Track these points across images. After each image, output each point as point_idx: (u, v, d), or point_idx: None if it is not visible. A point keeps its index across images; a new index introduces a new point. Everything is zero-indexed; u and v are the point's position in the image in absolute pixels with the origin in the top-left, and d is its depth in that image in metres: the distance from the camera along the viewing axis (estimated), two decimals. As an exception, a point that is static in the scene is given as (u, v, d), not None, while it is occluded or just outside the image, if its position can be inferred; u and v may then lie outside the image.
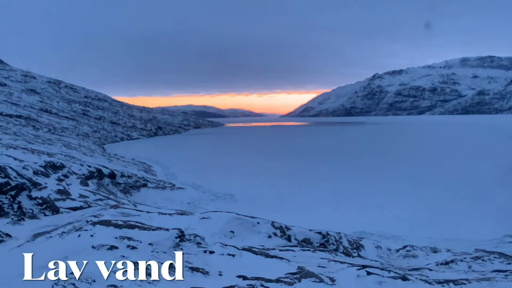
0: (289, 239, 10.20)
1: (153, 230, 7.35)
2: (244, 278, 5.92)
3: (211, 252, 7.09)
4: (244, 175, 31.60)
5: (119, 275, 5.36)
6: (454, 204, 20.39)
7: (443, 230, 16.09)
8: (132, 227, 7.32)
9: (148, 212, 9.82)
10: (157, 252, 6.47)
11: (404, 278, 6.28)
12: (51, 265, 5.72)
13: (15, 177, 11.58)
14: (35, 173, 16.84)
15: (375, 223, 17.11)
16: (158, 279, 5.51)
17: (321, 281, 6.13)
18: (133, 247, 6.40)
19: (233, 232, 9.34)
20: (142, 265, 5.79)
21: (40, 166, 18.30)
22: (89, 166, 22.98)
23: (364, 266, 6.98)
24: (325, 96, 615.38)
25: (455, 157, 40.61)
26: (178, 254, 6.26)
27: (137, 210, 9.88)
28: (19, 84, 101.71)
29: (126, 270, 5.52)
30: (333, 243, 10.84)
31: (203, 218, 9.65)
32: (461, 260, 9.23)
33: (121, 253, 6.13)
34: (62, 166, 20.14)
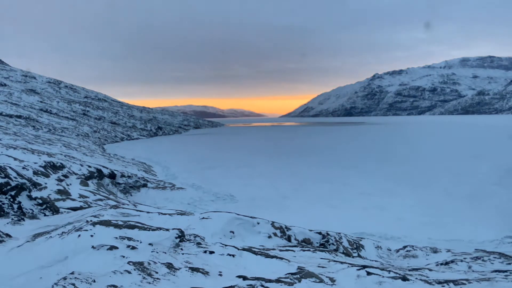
0: (289, 239, 10.20)
1: (153, 230, 7.34)
2: (244, 278, 5.92)
3: (211, 252, 7.08)
4: (244, 175, 31.61)
5: (119, 275, 5.36)
6: (454, 205, 20.39)
7: (443, 230, 16.09)
8: (132, 227, 7.31)
9: (148, 212, 9.81)
10: (157, 252, 6.47)
11: (404, 278, 6.28)
12: (51, 265, 5.73)
13: (15, 177, 11.57)
14: (35, 173, 16.85)
15: (375, 224, 17.12)
16: (158, 279, 5.51)
17: (321, 281, 6.13)
18: (133, 247, 6.40)
19: (233, 232, 9.34)
20: (142, 265, 5.79)
21: (40, 166, 18.30)
22: (89, 166, 22.98)
23: (364, 266, 6.98)
24: (325, 96, 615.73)
25: (455, 158, 40.61)
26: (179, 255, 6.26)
27: (137, 210, 9.87)
28: (19, 84, 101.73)
29: (126, 270, 5.53)
30: (333, 243, 10.84)
31: (203, 218, 9.65)
32: (461, 260, 9.23)
33: (121, 253, 6.13)
34: (62, 166, 20.14)
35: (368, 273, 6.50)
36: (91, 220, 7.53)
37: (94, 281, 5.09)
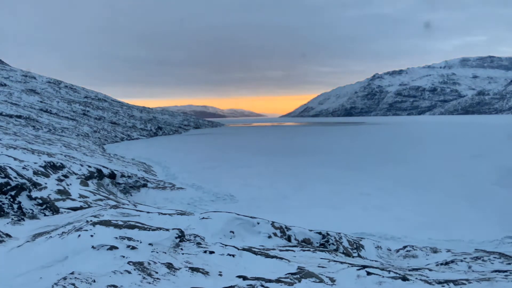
0: (289, 239, 10.20)
1: (153, 230, 7.34)
2: (244, 278, 5.92)
3: (211, 252, 7.08)
4: (244, 175, 31.60)
5: (119, 275, 5.36)
6: (454, 205, 20.39)
7: (443, 231, 16.09)
8: (132, 227, 7.31)
9: (148, 212, 9.81)
10: (157, 253, 6.47)
11: (404, 278, 6.28)
12: (51, 265, 5.73)
13: (15, 177, 11.57)
14: (35, 173, 16.85)
15: (375, 224, 17.12)
16: (158, 279, 5.51)
17: (321, 281, 6.13)
18: (133, 247, 6.40)
19: (233, 232, 9.34)
20: (142, 265, 5.79)
21: (40, 166, 18.30)
22: (89, 166, 22.97)
23: (364, 266, 6.98)
24: (325, 96, 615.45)
25: (455, 158, 40.61)
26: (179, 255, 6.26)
27: (137, 210, 9.87)
28: (19, 84, 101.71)
29: (126, 270, 5.53)
30: (333, 243, 10.84)
31: (203, 218, 9.65)
32: (461, 260, 9.23)
33: (121, 253, 6.13)
34: (62, 166, 20.14)
35: (368, 273, 6.50)
36: (91, 220, 7.54)
37: (94, 281, 5.09)
